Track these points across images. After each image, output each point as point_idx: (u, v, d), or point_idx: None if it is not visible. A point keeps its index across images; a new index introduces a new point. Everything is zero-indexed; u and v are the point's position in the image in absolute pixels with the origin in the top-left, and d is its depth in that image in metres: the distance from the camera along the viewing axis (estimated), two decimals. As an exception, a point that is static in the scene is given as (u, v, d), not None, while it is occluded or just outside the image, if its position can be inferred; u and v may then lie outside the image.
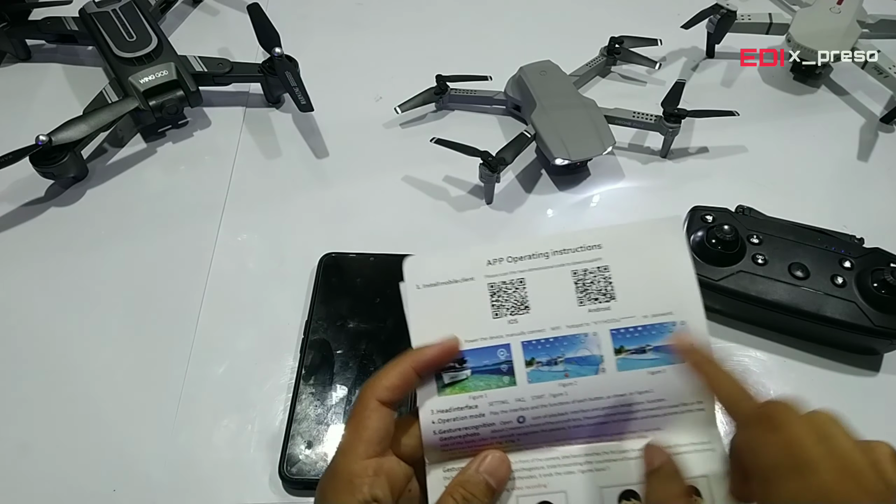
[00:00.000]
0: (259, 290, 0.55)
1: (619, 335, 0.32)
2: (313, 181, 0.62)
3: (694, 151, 0.65)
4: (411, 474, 0.33)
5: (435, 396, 0.33)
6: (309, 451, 0.45)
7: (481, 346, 0.33)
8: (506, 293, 0.34)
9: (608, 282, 0.33)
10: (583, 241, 0.34)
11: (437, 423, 0.32)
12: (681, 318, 0.32)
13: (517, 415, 0.32)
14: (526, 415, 0.32)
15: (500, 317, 0.33)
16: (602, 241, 0.34)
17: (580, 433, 0.32)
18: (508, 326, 0.33)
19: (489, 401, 0.32)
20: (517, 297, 0.34)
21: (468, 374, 0.33)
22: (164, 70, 0.63)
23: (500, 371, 0.33)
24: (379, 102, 0.68)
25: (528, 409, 0.32)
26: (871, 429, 0.47)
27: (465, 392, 0.32)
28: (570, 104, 0.62)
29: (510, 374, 0.33)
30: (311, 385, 0.48)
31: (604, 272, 0.34)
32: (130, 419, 0.48)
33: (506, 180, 0.62)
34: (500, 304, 0.34)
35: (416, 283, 0.34)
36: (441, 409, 0.32)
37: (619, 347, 0.32)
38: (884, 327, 0.47)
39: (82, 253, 0.57)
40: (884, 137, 0.66)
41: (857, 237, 0.53)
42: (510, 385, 0.32)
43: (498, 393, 0.32)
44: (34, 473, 0.46)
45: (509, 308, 0.34)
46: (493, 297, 0.34)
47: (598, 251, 0.34)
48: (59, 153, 0.57)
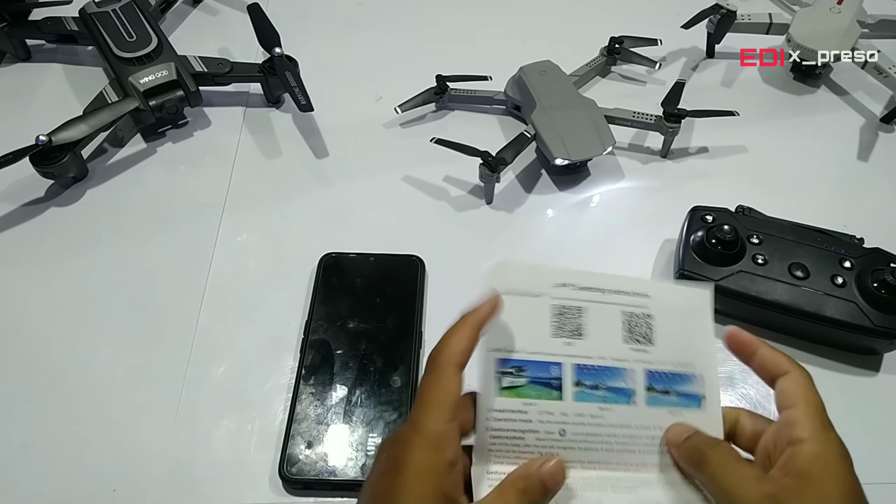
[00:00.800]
0: (259, 290, 0.55)
1: (651, 375, 0.37)
2: (313, 181, 0.62)
3: (694, 151, 0.65)
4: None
5: (494, 397, 0.35)
6: (309, 451, 0.45)
7: (539, 360, 0.36)
8: (566, 317, 0.37)
9: (650, 328, 0.38)
10: (636, 288, 0.39)
11: (491, 420, 0.35)
12: (699, 372, 0.37)
13: (559, 427, 0.35)
14: (567, 429, 0.35)
15: (557, 337, 0.37)
16: (651, 292, 0.39)
17: (610, 458, 0.36)
18: (564, 347, 0.37)
19: (538, 409, 0.35)
20: (575, 322, 0.37)
21: (525, 382, 0.36)
22: (164, 70, 0.63)
23: (551, 385, 0.36)
24: (379, 102, 0.68)
25: (569, 424, 0.35)
26: (871, 429, 0.48)
27: (519, 398, 0.35)
28: (570, 104, 0.62)
29: (559, 389, 0.36)
30: (311, 385, 0.48)
31: (648, 319, 0.38)
32: (130, 419, 0.48)
33: (506, 180, 0.62)
34: (559, 325, 0.37)
35: (498, 287, 0.37)
36: (496, 409, 0.35)
37: (649, 386, 0.36)
38: (884, 327, 0.47)
39: (82, 253, 0.57)
40: (884, 137, 0.66)
41: (857, 237, 0.53)
42: (557, 399, 0.36)
43: (547, 404, 0.35)
44: (34, 473, 0.46)
45: (567, 331, 0.37)
46: (553, 318, 0.37)
47: (646, 300, 0.38)
48: (59, 153, 0.57)
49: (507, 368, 0.36)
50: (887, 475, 0.46)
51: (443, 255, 0.56)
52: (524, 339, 0.37)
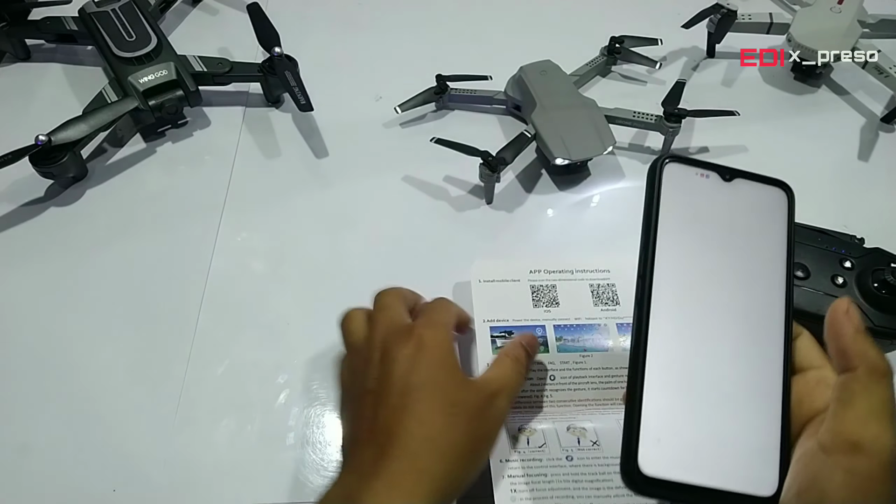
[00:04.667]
0: (259, 290, 0.55)
1: (620, 327, 0.46)
2: (313, 181, 0.62)
3: (694, 151, 0.65)
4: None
5: (492, 355, 0.43)
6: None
7: (525, 325, 0.45)
8: (542, 292, 0.48)
9: (614, 293, 0.48)
10: (597, 265, 0.49)
11: None
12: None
13: (549, 374, 0.44)
14: (556, 374, 0.44)
15: (538, 307, 0.47)
16: (610, 267, 0.49)
17: (597, 395, 0.43)
18: (544, 314, 0.46)
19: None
20: (550, 295, 0.48)
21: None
22: (164, 70, 0.63)
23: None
24: (379, 102, 0.68)
25: (557, 371, 0.44)
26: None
27: None
28: (571, 104, 0.62)
29: (545, 344, 0.45)
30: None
31: (611, 287, 0.48)
32: (130, 419, 0.48)
33: (506, 180, 0.62)
34: (538, 299, 0.47)
35: (479, 278, 0.48)
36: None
37: (621, 336, 0.46)
38: (884, 327, 0.47)
39: (82, 253, 0.57)
40: (884, 137, 0.66)
41: (857, 237, 0.53)
42: (544, 352, 0.44)
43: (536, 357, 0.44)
44: (34, 473, 0.46)
45: (545, 302, 0.47)
46: (533, 294, 0.48)
47: (608, 273, 0.49)
48: (58, 153, 0.57)
49: (498, 333, 0.45)
50: (888, 475, 0.46)
51: (443, 254, 0.56)
52: (511, 311, 0.46)
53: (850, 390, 0.27)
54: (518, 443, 0.41)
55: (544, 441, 0.41)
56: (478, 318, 0.45)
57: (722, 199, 0.31)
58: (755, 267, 0.31)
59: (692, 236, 0.31)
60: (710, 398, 0.29)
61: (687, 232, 0.31)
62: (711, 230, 0.31)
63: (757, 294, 0.30)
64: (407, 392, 0.34)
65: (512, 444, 0.41)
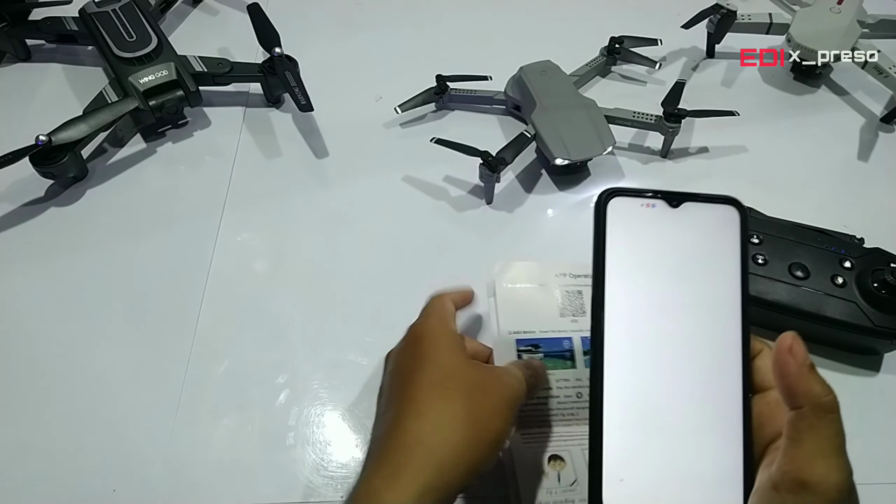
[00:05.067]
0: (259, 289, 0.55)
1: None
2: (313, 181, 0.62)
3: (694, 151, 0.65)
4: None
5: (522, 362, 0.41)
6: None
7: (552, 337, 0.43)
8: (569, 299, 0.45)
9: None
10: None
11: None
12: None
13: (576, 391, 0.42)
14: (583, 392, 0.42)
15: (564, 316, 0.44)
16: None
17: None
18: (571, 324, 0.44)
19: (556, 378, 0.42)
20: (577, 303, 0.45)
21: (542, 357, 0.42)
22: (164, 70, 0.63)
23: (565, 357, 0.43)
24: (379, 102, 0.68)
25: (584, 388, 0.42)
26: (872, 429, 0.48)
27: None
28: (571, 104, 0.62)
29: (571, 359, 0.42)
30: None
31: None
32: (130, 419, 0.48)
33: (506, 180, 0.62)
34: (565, 306, 0.44)
35: (505, 282, 0.45)
36: None
37: None
38: (884, 327, 0.47)
39: (82, 253, 0.57)
40: (884, 137, 0.66)
41: (857, 237, 0.53)
42: (571, 367, 0.42)
43: (562, 373, 0.42)
44: (34, 473, 0.46)
45: (571, 311, 0.44)
46: (561, 301, 0.45)
47: None
48: (58, 153, 0.57)
49: (524, 347, 0.42)
50: (887, 475, 0.46)
51: (443, 255, 0.56)
52: (537, 320, 0.43)
53: (798, 429, 0.27)
54: (549, 479, 0.39)
55: (575, 478, 0.39)
56: (502, 328, 0.43)
57: (670, 227, 0.31)
58: (709, 291, 0.30)
59: (642, 270, 0.30)
60: (670, 432, 0.29)
61: (637, 266, 0.30)
62: (662, 260, 0.30)
63: (712, 319, 0.30)
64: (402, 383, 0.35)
65: (543, 482, 0.39)
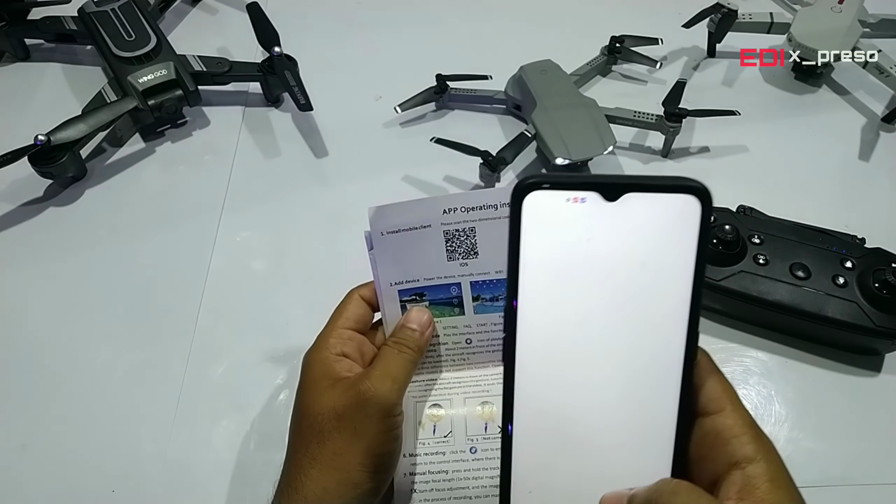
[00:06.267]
0: (258, 289, 0.55)
1: None
2: (313, 181, 0.62)
3: (695, 151, 0.65)
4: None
5: (400, 320, 0.40)
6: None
7: (437, 284, 0.40)
8: (458, 240, 0.40)
9: None
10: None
11: None
12: None
13: (465, 337, 0.41)
14: (472, 338, 0.41)
15: (453, 260, 0.40)
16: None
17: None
18: (459, 269, 0.40)
19: (443, 326, 0.41)
20: (468, 243, 0.40)
21: (427, 304, 0.41)
22: (163, 69, 0.62)
23: (452, 304, 0.41)
24: (379, 102, 0.68)
25: (474, 334, 0.41)
26: (872, 429, 0.48)
27: None
28: (571, 104, 0.61)
29: (460, 306, 0.41)
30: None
31: None
32: (130, 419, 0.48)
33: (506, 180, 0.62)
34: (453, 249, 0.40)
35: (381, 230, 0.40)
36: None
37: None
38: (885, 327, 0.47)
39: (81, 253, 0.57)
40: (885, 137, 0.66)
41: (858, 237, 0.53)
42: (460, 315, 0.41)
43: (450, 320, 0.41)
44: (34, 473, 0.45)
45: (461, 253, 0.40)
46: (447, 244, 0.40)
47: None
48: (57, 153, 0.57)
49: (408, 297, 0.40)
50: (887, 475, 0.46)
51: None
52: (421, 267, 0.40)
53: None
54: (424, 430, 0.39)
55: (451, 429, 0.39)
56: (383, 280, 0.40)
57: (604, 225, 0.26)
58: (647, 303, 0.26)
59: (564, 279, 0.26)
60: (586, 447, 0.27)
61: (558, 274, 0.26)
62: (590, 267, 0.26)
63: (647, 334, 0.27)
64: (291, 429, 0.37)
65: (418, 433, 0.39)
